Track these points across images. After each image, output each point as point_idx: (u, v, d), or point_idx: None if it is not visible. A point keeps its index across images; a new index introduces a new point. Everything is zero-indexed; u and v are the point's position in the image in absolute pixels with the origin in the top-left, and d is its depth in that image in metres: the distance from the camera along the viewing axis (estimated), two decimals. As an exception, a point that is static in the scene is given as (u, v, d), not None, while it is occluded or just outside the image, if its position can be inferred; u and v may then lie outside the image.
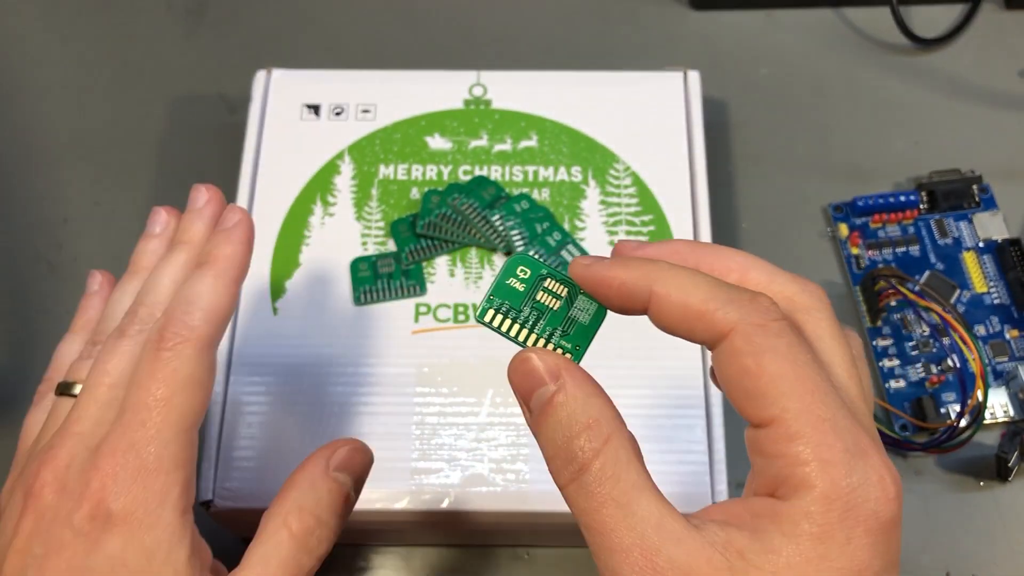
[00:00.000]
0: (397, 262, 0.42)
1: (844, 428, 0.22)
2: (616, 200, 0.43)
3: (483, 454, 0.38)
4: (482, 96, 0.46)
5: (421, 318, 0.41)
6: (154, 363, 0.27)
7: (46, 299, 0.48)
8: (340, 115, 0.45)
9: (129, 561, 0.26)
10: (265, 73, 0.47)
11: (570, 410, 0.23)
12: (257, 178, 0.44)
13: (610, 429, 0.23)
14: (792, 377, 0.22)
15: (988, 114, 0.52)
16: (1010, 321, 0.46)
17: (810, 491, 0.21)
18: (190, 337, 0.28)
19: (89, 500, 0.26)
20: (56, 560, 0.25)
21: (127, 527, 0.26)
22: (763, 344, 0.22)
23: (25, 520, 0.26)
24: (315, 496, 0.29)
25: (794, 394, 0.22)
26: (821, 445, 0.21)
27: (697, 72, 0.46)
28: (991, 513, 0.42)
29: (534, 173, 0.44)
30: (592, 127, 0.45)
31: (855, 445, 0.22)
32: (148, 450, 0.26)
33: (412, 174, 0.44)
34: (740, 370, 0.22)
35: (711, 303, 0.23)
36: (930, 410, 0.43)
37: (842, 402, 0.22)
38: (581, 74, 0.47)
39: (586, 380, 0.24)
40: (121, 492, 0.26)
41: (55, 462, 0.27)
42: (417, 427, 0.38)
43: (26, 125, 0.53)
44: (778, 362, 0.22)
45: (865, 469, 0.22)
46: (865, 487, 0.21)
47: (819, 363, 0.23)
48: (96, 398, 0.28)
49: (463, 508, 0.37)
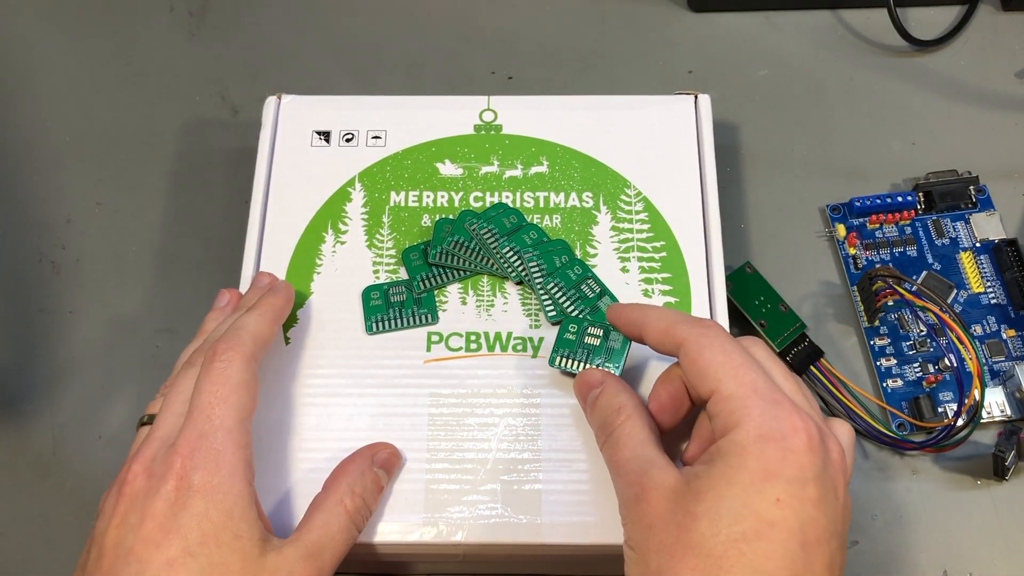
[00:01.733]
0: (409, 290, 0.42)
1: (762, 388, 0.31)
2: (628, 226, 0.43)
3: (496, 484, 0.37)
4: (492, 121, 0.46)
5: (433, 347, 0.40)
6: (210, 372, 0.34)
7: (49, 299, 0.48)
8: (350, 141, 0.45)
9: (212, 517, 0.31)
10: (275, 99, 0.46)
11: (606, 400, 0.35)
12: (268, 206, 0.44)
13: (630, 411, 0.34)
14: (723, 360, 0.32)
15: (985, 115, 0.52)
16: (1007, 321, 0.46)
17: (737, 427, 0.30)
18: (238, 350, 0.35)
19: (173, 477, 0.31)
20: (150, 523, 0.31)
21: (207, 493, 0.31)
22: (703, 343, 0.33)
23: (121, 502, 0.32)
24: (363, 483, 0.35)
25: (724, 370, 0.32)
26: (744, 398, 0.31)
27: (708, 96, 0.46)
28: (988, 511, 0.43)
29: (545, 199, 0.44)
30: (603, 152, 0.45)
31: (770, 399, 0.31)
32: (215, 436, 0.32)
33: (423, 201, 0.44)
34: (689, 363, 0.33)
35: (674, 325, 0.34)
36: (927, 409, 0.43)
37: (762, 373, 0.32)
38: (591, 98, 0.47)
39: (618, 383, 0.36)
40: (198, 467, 0.32)
41: (142, 457, 0.33)
42: (429, 457, 0.38)
43: (29, 126, 0.54)
44: (712, 352, 0.32)
45: (777, 412, 0.30)
46: (777, 421, 0.30)
47: (746, 352, 0.32)
48: (173, 411, 0.34)
49: (476, 540, 0.37)
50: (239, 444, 0.33)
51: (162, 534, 0.30)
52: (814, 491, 0.29)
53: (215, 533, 0.31)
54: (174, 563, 0.30)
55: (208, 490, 0.31)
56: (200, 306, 0.48)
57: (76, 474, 0.44)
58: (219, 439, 0.32)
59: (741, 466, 0.29)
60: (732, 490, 0.29)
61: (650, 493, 0.31)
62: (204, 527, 0.31)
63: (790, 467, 0.29)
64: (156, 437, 0.33)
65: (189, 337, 0.47)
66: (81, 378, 0.46)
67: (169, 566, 0.30)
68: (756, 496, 0.29)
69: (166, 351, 0.47)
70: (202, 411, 0.33)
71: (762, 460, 0.29)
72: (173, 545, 0.30)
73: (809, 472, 0.29)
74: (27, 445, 0.45)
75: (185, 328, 0.47)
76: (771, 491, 0.29)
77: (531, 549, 0.37)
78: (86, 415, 0.46)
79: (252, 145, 0.45)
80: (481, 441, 0.38)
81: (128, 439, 0.45)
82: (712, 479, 0.30)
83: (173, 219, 0.50)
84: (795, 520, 0.29)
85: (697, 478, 0.30)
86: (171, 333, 0.47)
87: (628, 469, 0.32)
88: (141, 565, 0.30)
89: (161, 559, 0.30)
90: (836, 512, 0.30)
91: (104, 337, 0.47)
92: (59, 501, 0.44)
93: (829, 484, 0.30)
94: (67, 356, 0.47)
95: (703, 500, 0.29)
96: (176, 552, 0.30)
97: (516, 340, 0.40)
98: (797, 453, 0.29)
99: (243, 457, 0.33)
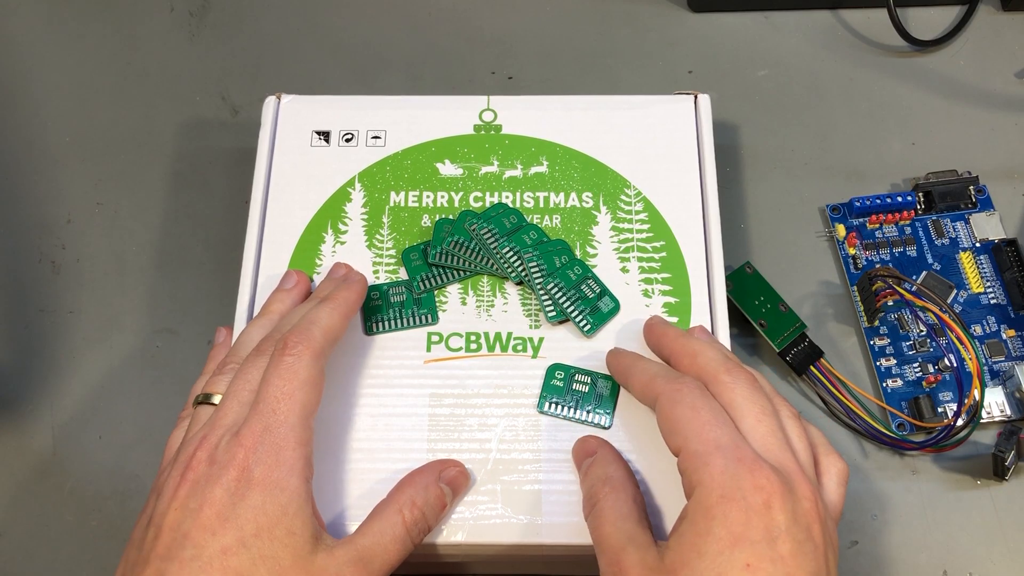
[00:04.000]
0: (408, 291, 0.42)
1: (726, 444, 0.31)
2: (628, 226, 0.43)
3: (496, 485, 0.37)
4: (492, 121, 0.46)
5: (433, 347, 0.40)
6: (279, 365, 0.34)
7: (49, 299, 0.48)
8: (350, 141, 0.45)
9: (268, 511, 0.32)
10: (275, 99, 0.46)
11: (595, 472, 0.36)
12: (268, 206, 0.44)
13: (616, 483, 0.35)
14: (690, 417, 0.32)
15: (985, 115, 0.52)
16: (1006, 321, 0.46)
17: (698, 487, 0.31)
18: (308, 345, 0.35)
19: (235, 467, 0.32)
20: (208, 510, 0.31)
21: (266, 487, 0.32)
22: (675, 399, 0.33)
23: (183, 486, 0.32)
24: (425, 497, 0.35)
25: (691, 427, 0.32)
26: (706, 455, 0.31)
27: (708, 96, 0.46)
28: (988, 512, 0.43)
29: (545, 199, 0.44)
30: (603, 152, 0.45)
31: (733, 456, 0.31)
32: (279, 431, 0.33)
33: (423, 201, 0.44)
34: (663, 418, 0.34)
35: (652, 380, 0.35)
36: (927, 409, 0.43)
37: (729, 428, 0.32)
38: (591, 98, 0.47)
39: (610, 453, 0.36)
40: (260, 461, 0.32)
41: (207, 443, 0.33)
42: (429, 458, 0.38)
43: (30, 126, 0.54)
44: (682, 409, 0.33)
45: (738, 471, 0.30)
46: (736, 480, 0.30)
47: (715, 408, 0.33)
48: (239, 399, 0.34)
49: (476, 540, 0.37)
50: (301, 441, 0.33)
51: (219, 522, 0.31)
52: (786, 546, 0.29)
53: (269, 527, 0.31)
54: (228, 551, 0.31)
55: (267, 484, 0.32)
56: (200, 306, 0.48)
57: (76, 474, 0.44)
58: (282, 434, 0.33)
59: (708, 532, 0.29)
60: (703, 562, 0.29)
61: (628, 572, 0.31)
62: (260, 520, 0.31)
63: (755, 529, 0.29)
64: (221, 424, 0.34)
65: (189, 337, 0.47)
66: (81, 378, 0.46)
67: (223, 554, 0.31)
68: (726, 565, 0.29)
69: (166, 351, 0.47)
70: (268, 404, 0.33)
71: (727, 524, 0.29)
72: (228, 534, 0.31)
73: (777, 528, 0.29)
74: (27, 445, 0.45)
75: (185, 328, 0.47)
76: (740, 557, 0.29)
77: (531, 549, 0.37)
78: (86, 415, 0.46)
79: (252, 145, 0.45)
80: (481, 441, 0.38)
81: (128, 439, 0.45)
82: (683, 552, 0.30)
83: (173, 219, 0.50)
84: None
85: (670, 551, 0.30)
86: (171, 333, 0.47)
87: (608, 545, 0.32)
88: (196, 550, 0.31)
89: (216, 546, 0.31)
90: (817, 557, 0.30)
91: (104, 337, 0.47)
92: (59, 501, 0.44)
93: (803, 532, 0.30)
94: (67, 356, 0.47)
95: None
96: (231, 541, 0.31)
97: (516, 340, 0.40)
98: (760, 512, 0.29)
99: (303, 455, 0.33)
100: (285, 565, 0.31)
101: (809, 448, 0.34)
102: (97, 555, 0.43)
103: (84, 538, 0.43)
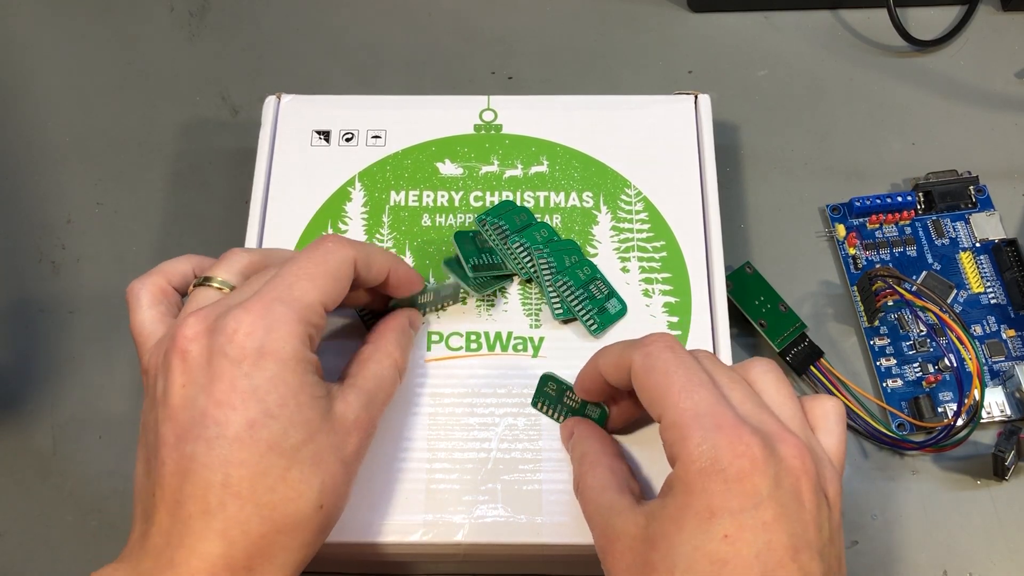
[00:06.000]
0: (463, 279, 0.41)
1: (704, 411, 0.30)
2: (628, 226, 0.43)
3: (496, 484, 0.37)
4: (492, 121, 0.46)
5: (434, 346, 0.40)
6: (311, 251, 0.33)
7: (49, 299, 0.48)
8: (350, 141, 0.45)
9: (288, 380, 0.30)
10: (275, 99, 0.46)
11: (574, 454, 0.36)
12: (268, 206, 0.43)
13: (591, 457, 0.35)
14: (665, 385, 0.31)
15: (985, 115, 0.53)
16: (1007, 321, 0.46)
17: (678, 459, 0.30)
18: (347, 245, 0.34)
19: (242, 335, 0.30)
20: (220, 384, 0.30)
21: (279, 358, 0.30)
22: (647, 365, 0.31)
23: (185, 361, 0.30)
24: (405, 340, 0.37)
25: (666, 397, 0.30)
26: (684, 427, 0.30)
27: (708, 96, 0.46)
28: (988, 511, 0.43)
29: (545, 199, 0.44)
30: (603, 152, 0.45)
31: (711, 424, 0.29)
32: (292, 306, 0.31)
33: (423, 200, 0.44)
34: (640, 390, 0.32)
35: (620, 355, 0.33)
36: (927, 409, 0.43)
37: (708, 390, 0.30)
38: (591, 98, 0.47)
39: (586, 430, 0.36)
40: (271, 330, 0.30)
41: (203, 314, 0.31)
42: (429, 457, 0.38)
43: (30, 126, 0.54)
44: (656, 377, 0.31)
45: (716, 439, 0.29)
46: (715, 450, 0.29)
47: (689, 366, 0.31)
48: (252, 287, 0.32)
49: (476, 540, 0.37)
50: (310, 322, 0.32)
51: (238, 397, 0.30)
52: (769, 511, 0.28)
53: (293, 395, 0.30)
54: (255, 425, 0.30)
55: (281, 356, 0.30)
56: (200, 306, 0.48)
57: (76, 474, 0.44)
58: (295, 309, 0.31)
59: (687, 507, 0.29)
60: (682, 535, 0.29)
61: (614, 545, 0.31)
62: (281, 390, 0.30)
63: (734, 498, 0.28)
64: (225, 303, 0.32)
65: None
66: (81, 378, 0.46)
67: (251, 427, 0.29)
68: (704, 537, 0.28)
69: (166, 351, 0.47)
70: (286, 278, 0.32)
71: (705, 496, 0.29)
72: (251, 407, 0.30)
73: (758, 495, 0.28)
74: (27, 445, 0.45)
75: (185, 328, 0.47)
76: (718, 528, 0.28)
77: (531, 549, 0.37)
78: (86, 415, 0.46)
79: (252, 145, 0.45)
80: (481, 441, 0.38)
81: (127, 439, 0.45)
82: (663, 523, 0.29)
83: (173, 219, 0.50)
84: (749, 551, 0.28)
85: (653, 520, 0.30)
86: (171, 333, 0.47)
87: (595, 522, 0.32)
88: (220, 428, 0.29)
89: (241, 421, 0.29)
90: (804, 521, 0.29)
91: (104, 337, 0.47)
92: (59, 501, 0.44)
93: (787, 495, 0.29)
94: (67, 356, 0.47)
95: (658, 548, 0.29)
96: (256, 414, 0.30)
97: (516, 340, 0.40)
98: (740, 480, 0.28)
99: (309, 335, 0.32)
100: (316, 426, 0.31)
101: (793, 397, 0.32)
102: (97, 555, 0.43)
103: (84, 538, 0.43)
